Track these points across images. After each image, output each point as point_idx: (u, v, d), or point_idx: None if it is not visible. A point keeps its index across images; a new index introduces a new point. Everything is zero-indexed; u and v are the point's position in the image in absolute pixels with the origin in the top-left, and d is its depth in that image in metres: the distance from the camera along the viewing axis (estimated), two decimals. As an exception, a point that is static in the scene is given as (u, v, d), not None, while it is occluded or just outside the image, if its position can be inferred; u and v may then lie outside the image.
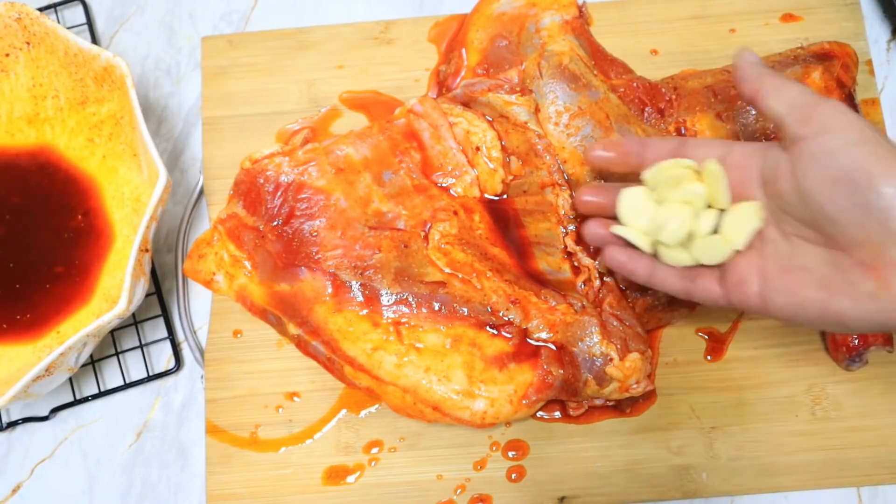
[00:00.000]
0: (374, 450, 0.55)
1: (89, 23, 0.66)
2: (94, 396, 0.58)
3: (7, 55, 0.59)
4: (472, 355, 0.48)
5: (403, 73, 0.63)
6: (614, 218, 0.48)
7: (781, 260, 0.41)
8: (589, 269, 0.51)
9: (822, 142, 0.38)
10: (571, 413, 0.54)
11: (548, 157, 0.53)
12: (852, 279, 0.38)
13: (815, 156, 0.38)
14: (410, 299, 0.49)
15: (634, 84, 0.56)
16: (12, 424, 0.58)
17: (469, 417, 0.48)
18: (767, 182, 0.42)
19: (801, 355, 0.55)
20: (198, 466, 0.57)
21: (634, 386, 0.49)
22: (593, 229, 0.48)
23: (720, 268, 0.44)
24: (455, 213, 0.52)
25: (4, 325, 0.57)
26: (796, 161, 0.39)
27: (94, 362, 0.59)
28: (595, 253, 0.52)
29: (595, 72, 0.56)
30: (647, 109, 0.56)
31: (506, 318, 0.49)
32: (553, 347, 0.49)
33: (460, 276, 0.50)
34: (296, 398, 0.56)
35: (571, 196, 0.52)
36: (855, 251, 0.38)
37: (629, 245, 0.47)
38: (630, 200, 0.46)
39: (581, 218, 0.52)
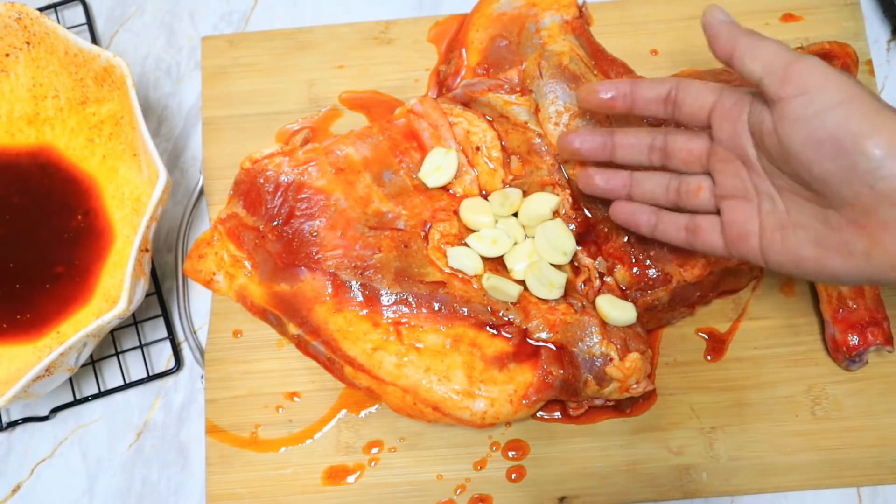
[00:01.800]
0: (374, 450, 0.55)
1: (89, 23, 0.66)
2: (94, 396, 0.58)
3: (7, 55, 0.59)
4: (472, 355, 0.48)
5: (403, 73, 0.63)
6: (605, 164, 0.49)
7: (778, 216, 0.41)
8: (589, 269, 0.51)
9: (803, 103, 0.37)
10: (571, 413, 0.54)
11: (548, 157, 0.53)
12: (845, 238, 0.38)
13: (797, 118, 0.37)
14: (410, 299, 0.49)
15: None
16: (12, 424, 0.58)
17: (469, 417, 0.48)
18: (755, 134, 0.41)
19: (801, 355, 0.55)
20: (198, 466, 0.57)
21: (634, 386, 0.49)
22: (595, 179, 0.49)
23: (722, 221, 0.44)
24: (455, 212, 0.52)
25: (4, 325, 0.57)
26: (779, 122, 0.38)
27: (94, 362, 0.59)
28: (595, 254, 0.52)
29: (595, 72, 0.56)
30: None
31: (506, 318, 0.49)
32: (553, 347, 0.49)
33: (460, 275, 0.50)
34: (296, 398, 0.56)
35: (571, 196, 0.52)
36: (845, 211, 0.37)
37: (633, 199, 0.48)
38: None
39: (582, 225, 0.52)
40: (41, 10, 0.60)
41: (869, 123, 0.36)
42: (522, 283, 0.50)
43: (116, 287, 0.57)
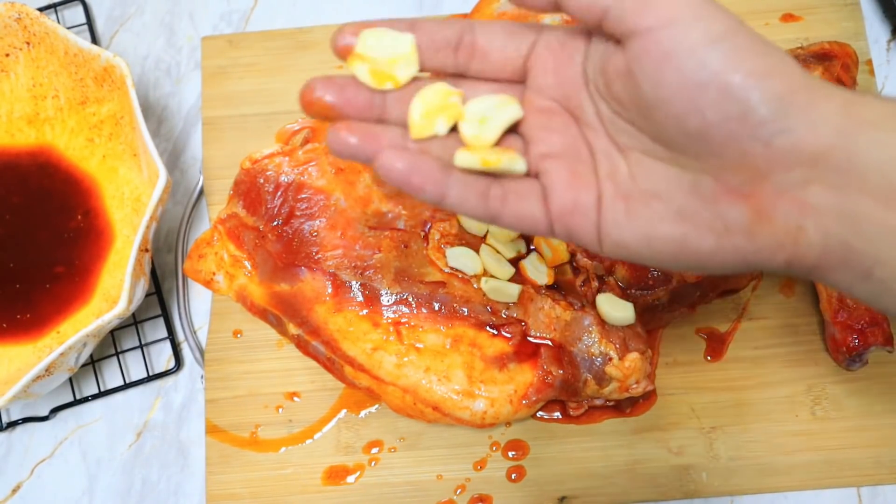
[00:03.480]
0: (374, 450, 0.55)
1: (89, 23, 0.66)
2: (94, 396, 0.58)
3: (7, 55, 0.59)
4: (472, 355, 0.48)
5: (403, 73, 0.63)
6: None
7: (620, 182, 0.31)
8: (588, 270, 0.51)
9: (673, 35, 0.28)
10: (571, 413, 0.54)
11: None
12: (720, 210, 0.29)
13: (666, 55, 0.28)
14: (410, 299, 0.49)
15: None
16: (12, 424, 0.58)
17: (469, 417, 0.48)
18: (593, 81, 0.32)
19: (801, 355, 0.55)
20: (198, 466, 0.57)
21: (634, 386, 0.49)
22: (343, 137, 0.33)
23: (542, 186, 0.33)
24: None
25: (4, 325, 0.57)
26: (637, 62, 0.29)
27: (94, 362, 0.59)
28: (594, 254, 0.52)
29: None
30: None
31: (506, 316, 0.49)
32: (552, 345, 0.49)
33: (460, 275, 0.50)
34: (296, 398, 0.56)
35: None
36: (725, 175, 0.29)
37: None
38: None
39: None
40: (41, 10, 0.60)
41: (763, 62, 0.28)
42: (521, 282, 0.50)
43: (116, 287, 0.57)
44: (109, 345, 0.59)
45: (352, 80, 0.33)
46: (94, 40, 0.66)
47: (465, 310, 0.49)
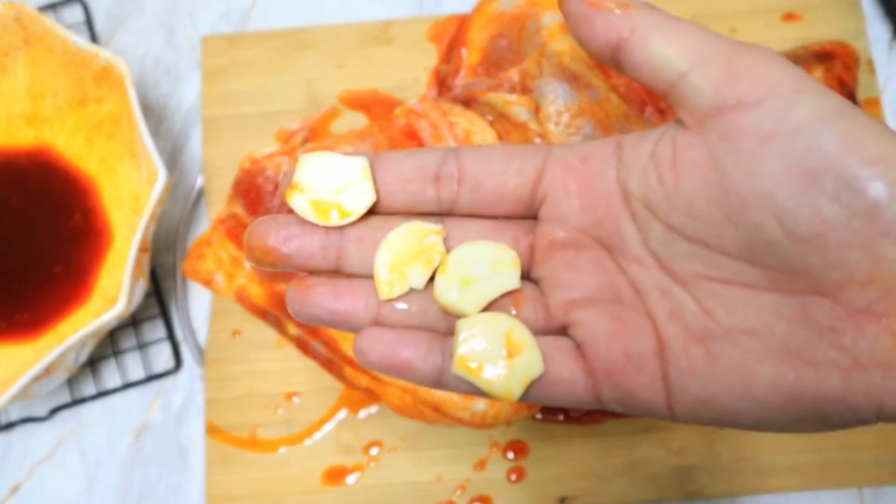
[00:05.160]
0: (374, 450, 0.55)
1: (88, 22, 0.66)
2: (93, 397, 0.58)
3: (5, 55, 0.59)
4: (473, 355, 0.48)
5: (403, 72, 0.63)
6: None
7: (691, 323, 0.24)
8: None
9: (775, 111, 0.22)
10: (572, 413, 0.54)
11: (548, 157, 0.53)
12: (846, 340, 0.22)
13: (767, 135, 0.22)
14: (410, 299, 0.49)
15: (635, 84, 0.56)
16: (11, 425, 0.58)
17: (469, 418, 0.47)
18: (641, 199, 0.25)
19: (802, 355, 0.55)
20: (197, 466, 0.56)
21: (635, 386, 0.48)
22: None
23: (578, 343, 0.26)
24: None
25: (3, 325, 0.56)
26: (724, 146, 0.23)
27: (92, 362, 0.59)
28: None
29: (596, 71, 0.56)
30: (647, 109, 0.56)
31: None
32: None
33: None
34: (295, 398, 0.56)
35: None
36: (848, 292, 0.22)
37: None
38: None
39: None
40: (40, 9, 0.60)
41: (891, 144, 0.21)
42: None
43: (115, 287, 0.57)
44: (108, 345, 0.59)
45: (296, 220, 0.27)
46: (93, 40, 0.66)
47: (466, 310, 0.49)
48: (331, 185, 0.26)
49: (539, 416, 0.54)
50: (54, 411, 0.58)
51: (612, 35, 0.24)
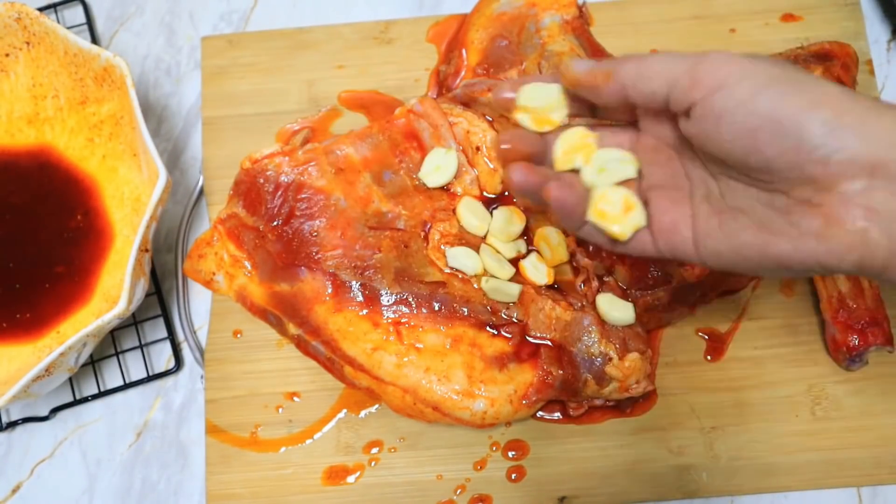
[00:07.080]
0: (374, 450, 0.55)
1: (89, 23, 0.66)
2: (94, 396, 0.58)
3: (7, 55, 0.59)
4: (472, 355, 0.48)
5: (403, 73, 0.63)
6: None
7: (713, 202, 0.38)
8: (588, 270, 0.51)
9: (723, 97, 0.34)
10: (571, 413, 0.54)
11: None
12: (794, 219, 0.34)
13: (720, 113, 0.34)
14: (410, 299, 0.49)
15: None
16: (12, 424, 0.58)
17: (469, 418, 0.48)
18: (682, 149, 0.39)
19: (801, 355, 0.55)
20: (198, 466, 0.57)
21: (634, 386, 0.49)
22: (521, 175, 0.40)
23: (649, 212, 0.40)
24: (455, 212, 0.52)
25: (4, 325, 0.57)
26: (699, 126, 0.35)
27: (93, 362, 0.59)
28: (594, 254, 0.52)
29: (595, 72, 0.56)
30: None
31: (506, 317, 0.49)
32: (552, 345, 0.49)
33: (460, 275, 0.50)
34: (296, 398, 0.56)
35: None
36: (794, 191, 0.34)
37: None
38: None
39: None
40: (41, 9, 0.60)
41: (806, 97, 0.33)
42: (521, 282, 0.50)
43: (116, 287, 0.57)
44: (109, 345, 0.59)
45: (519, 131, 0.41)
46: (94, 40, 0.66)
47: (465, 310, 0.49)
48: (540, 104, 0.41)
49: (539, 415, 0.55)
50: (55, 411, 0.58)
51: (616, 90, 0.38)
